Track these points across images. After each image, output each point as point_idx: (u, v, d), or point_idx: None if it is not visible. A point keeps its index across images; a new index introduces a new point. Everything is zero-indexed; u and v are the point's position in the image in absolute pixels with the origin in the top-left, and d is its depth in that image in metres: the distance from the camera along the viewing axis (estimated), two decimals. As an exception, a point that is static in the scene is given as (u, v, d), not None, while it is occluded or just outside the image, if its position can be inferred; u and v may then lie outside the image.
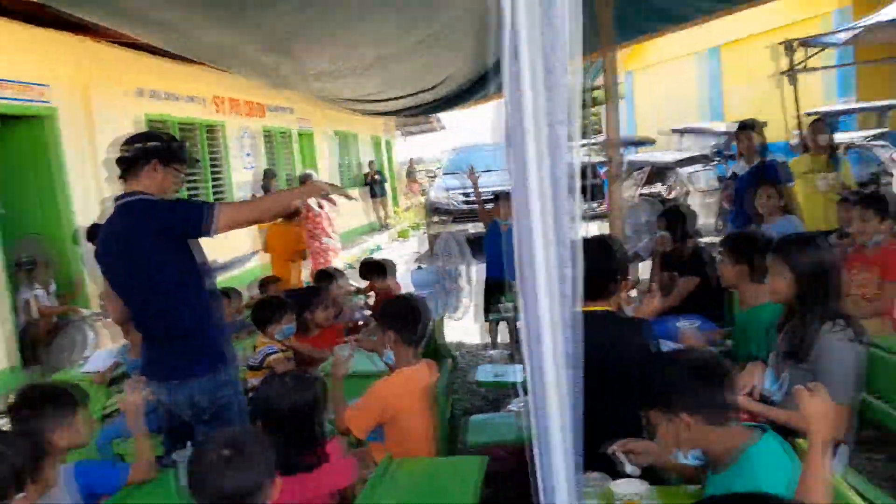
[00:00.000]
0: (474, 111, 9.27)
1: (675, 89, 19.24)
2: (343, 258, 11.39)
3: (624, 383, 2.00)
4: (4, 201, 6.32)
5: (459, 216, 11.35)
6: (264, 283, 5.29)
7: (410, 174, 23.47)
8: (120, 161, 2.65)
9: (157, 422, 2.91)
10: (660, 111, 19.50)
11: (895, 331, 3.56)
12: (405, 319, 2.72)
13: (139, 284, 2.64)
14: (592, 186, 14.22)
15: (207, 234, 2.54)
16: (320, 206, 6.92)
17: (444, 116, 20.87)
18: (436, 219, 11.48)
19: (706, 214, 10.07)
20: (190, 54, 5.52)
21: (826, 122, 5.41)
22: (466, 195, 11.44)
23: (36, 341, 6.23)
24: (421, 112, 8.72)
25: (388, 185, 18.47)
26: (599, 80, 5.83)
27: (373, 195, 17.54)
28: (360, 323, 4.80)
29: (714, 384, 1.78)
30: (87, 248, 6.42)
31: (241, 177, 10.86)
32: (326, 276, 4.96)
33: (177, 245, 2.60)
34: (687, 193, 10.61)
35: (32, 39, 6.43)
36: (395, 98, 6.98)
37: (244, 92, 10.89)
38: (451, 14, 4.72)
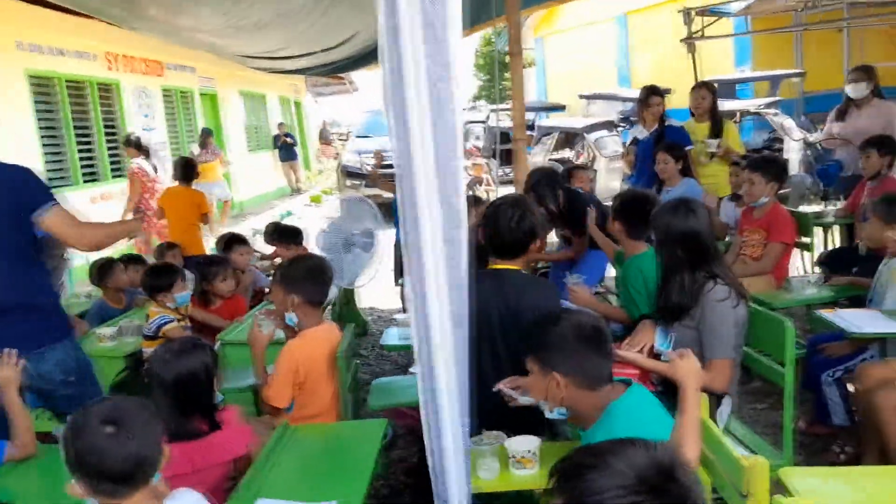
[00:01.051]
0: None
1: (585, 56, 19.58)
2: (252, 224, 11.09)
3: (522, 340, 2.04)
4: None
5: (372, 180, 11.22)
6: (162, 251, 5.07)
7: (323, 136, 22.94)
8: None
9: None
10: (571, 78, 19.81)
11: (778, 288, 3.79)
12: (308, 280, 2.67)
13: None
14: (504, 152, 14.41)
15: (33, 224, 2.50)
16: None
17: (357, 77, 20.42)
18: (349, 183, 11.32)
19: (612, 178, 10.38)
20: (76, 6, 5.14)
21: (711, 89, 5.57)
22: (381, 158, 11.31)
23: None
24: (328, 71, 8.51)
25: (299, 149, 18.00)
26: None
27: (283, 158, 17.06)
28: (266, 291, 4.69)
29: (592, 350, 1.86)
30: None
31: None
32: (230, 243, 4.80)
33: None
34: (594, 159, 10.88)
35: None
36: (300, 56, 6.76)
37: (140, 49, 10.26)
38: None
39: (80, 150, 8.72)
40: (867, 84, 5.54)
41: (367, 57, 7.26)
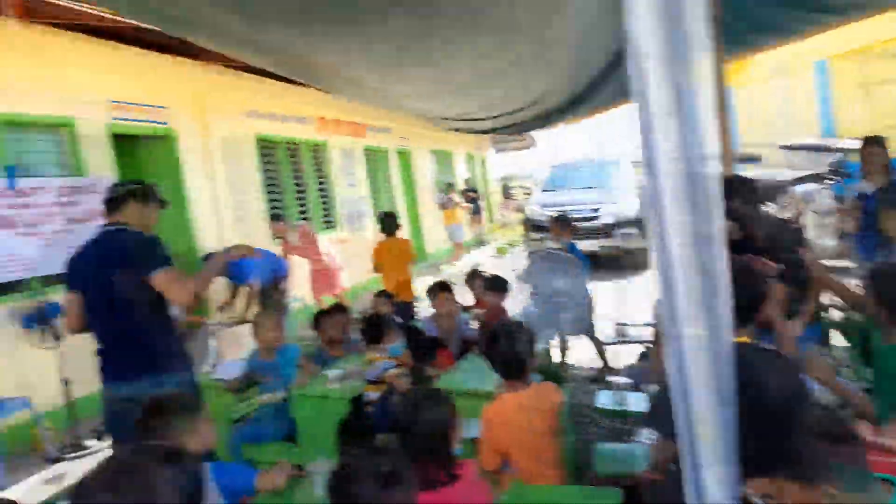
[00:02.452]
0: (566, 128, 9.20)
1: (779, 104, 18.38)
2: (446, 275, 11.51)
3: (772, 421, 1.82)
4: (132, 217, 6.75)
5: (557, 233, 11.23)
6: (376, 300, 5.41)
7: (506, 190, 23.46)
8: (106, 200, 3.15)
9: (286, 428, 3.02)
10: (764, 128, 18.65)
11: None
12: (505, 349, 2.67)
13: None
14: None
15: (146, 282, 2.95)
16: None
17: (536, 133, 20.76)
18: (533, 235, 11.41)
19: (823, 236, 9.51)
20: (295, 76, 5.75)
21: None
22: (565, 212, 11.33)
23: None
24: (516, 130, 8.72)
25: (482, 202, 18.55)
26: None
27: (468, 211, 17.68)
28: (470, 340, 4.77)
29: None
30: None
31: (345, 193, 11.20)
32: (435, 290, 4.95)
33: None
34: (800, 214, 10.07)
35: (154, 65, 6.88)
36: (492, 117, 7.01)
37: (346, 113, 11.26)
38: (549, 32, 4.70)
39: (297, 200, 9.67)
40: None
41: (553, 115, 7.36)
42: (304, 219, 9.85)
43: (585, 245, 11.19)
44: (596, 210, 11.30)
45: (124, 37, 6.29)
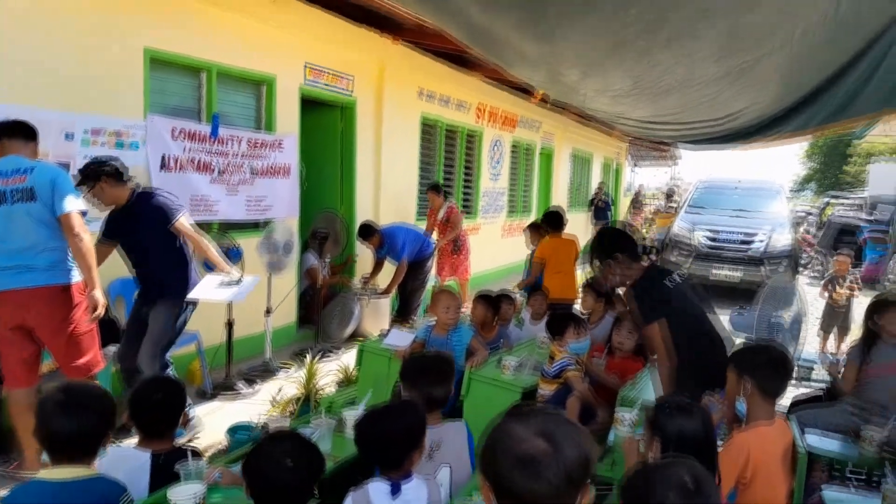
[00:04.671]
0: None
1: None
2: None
3: None
4: (308, 178, 7.05)
5: (701, 256, 10.78)
6: (532, 292, 5.38)
7: (636, 203, 22.79)
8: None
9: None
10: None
11: None
12: (769, 368, 2.50)
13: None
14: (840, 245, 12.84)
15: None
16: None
17: (681, 151, 20.06)
18: (675, 254, 10.98)
19: None
20: (500, 62, 5.73)
21: None
22: (714, 235, 10.85)
23: (312, 305, 6.87)
24: (699, 143, 8.36)
25: (610, 212, 18.11)
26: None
27: (596, 219, 17.28)
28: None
29: None
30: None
31: (486, 185, 11.22)
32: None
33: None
34: None
35: (346, 33, 7.09)
36: (681, 123, 6.75)
37: (502, 102, 11.24)
38: (771, 44, 4.44)
39: (444, 184, 9.81)
40: None
41: (742, 133, 7.00)
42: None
43: (726, 273, 10.69)
44: (749, 239, 10.73)
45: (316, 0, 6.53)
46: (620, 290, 3.81)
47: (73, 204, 3.52)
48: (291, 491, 1.81)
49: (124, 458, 2.29)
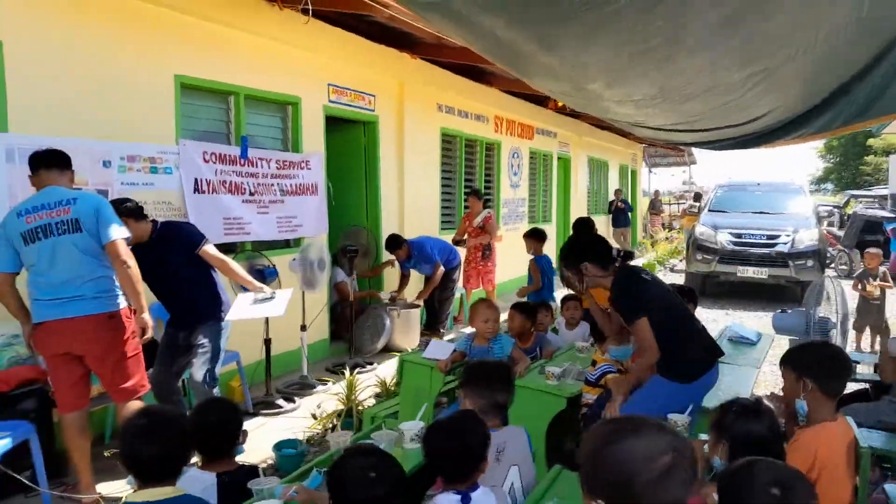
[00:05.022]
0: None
1: None
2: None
3: None
4: (335, 194, 7.14)
5: (726, 256, 10.76)
6: (564, 300, 5.40)
7: (654, 206, 22.73)
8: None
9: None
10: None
11: None
12: (828, 367, 2.49)
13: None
14: (864, 243, 12.71)
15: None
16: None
17: (697, 151, 20.02)
18: (699, 256, 10.95)
19: None
20: (518, 72, 5.79)
21: None
22: (738, 235, 10.82)
23: (342, 320, 6.93)
24: (717, 146, 8.36)
25: (630, 215, 18.10)
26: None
27: (615, 224, 17.28)
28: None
29: None
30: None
31: (506, 194, 11.27)
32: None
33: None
34: None
35: (366, 52, 7.19)
36: (699, 130, 6.76)
37: (519, 113, 11.31)
38: (795, 48, 4.45)
39: (465, 195, 9.88)
40: None
41: (763, 136, 6.99)
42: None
43: (753, 272, 10.65)
44: (773, 238, 10.70)
45: (337, 21, 6.62)
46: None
47: (118, 231, 3.60)
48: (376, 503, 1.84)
49: (193, 479, 2.35)
